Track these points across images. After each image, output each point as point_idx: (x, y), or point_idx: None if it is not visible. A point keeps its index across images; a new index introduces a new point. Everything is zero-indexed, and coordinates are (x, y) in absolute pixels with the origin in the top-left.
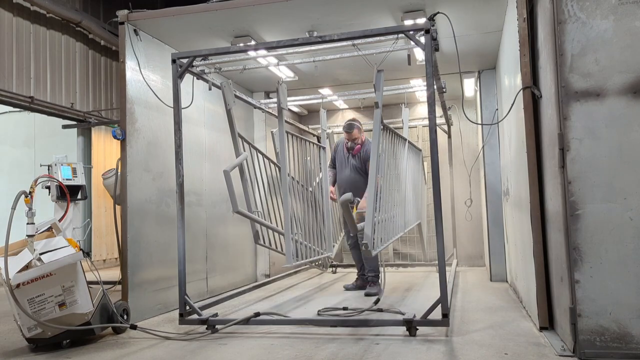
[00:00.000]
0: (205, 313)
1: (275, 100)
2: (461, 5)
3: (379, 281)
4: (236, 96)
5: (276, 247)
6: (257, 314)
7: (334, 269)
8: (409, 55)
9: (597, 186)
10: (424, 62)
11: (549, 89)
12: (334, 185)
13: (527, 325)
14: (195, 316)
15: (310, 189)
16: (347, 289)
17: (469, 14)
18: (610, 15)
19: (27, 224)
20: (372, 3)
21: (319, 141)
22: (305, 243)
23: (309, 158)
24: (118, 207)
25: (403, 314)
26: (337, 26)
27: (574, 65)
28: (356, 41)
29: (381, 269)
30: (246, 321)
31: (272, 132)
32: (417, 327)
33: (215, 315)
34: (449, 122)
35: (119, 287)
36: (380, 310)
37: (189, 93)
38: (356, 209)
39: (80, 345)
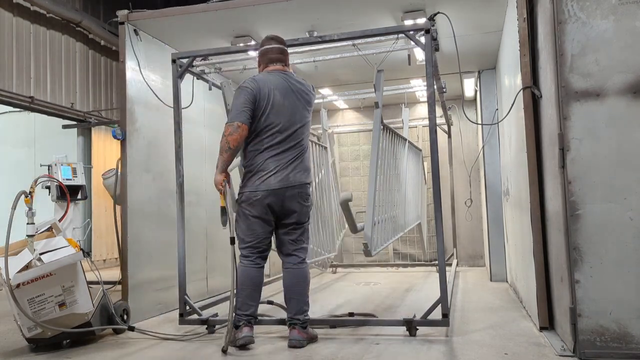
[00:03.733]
0: (206, 313)
1: None
2: (461, 5)
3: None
4: None
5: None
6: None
7: (334, 269)
8: (409, 55)
9: (597, 186)
10: (424, 62)
11: (549, 89)
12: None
13: (527, 325)
14: (195, 316)
15: (311, 188)
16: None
17: (469, 14)
18: (611, 15)
19: (27, 224)
20: (372, 3)
21: (318, 141)
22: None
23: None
24: (118, 207)
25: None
26: (337, 26)
27: (574, 65)
28: (356, 41)
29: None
30: None
31: None
32: (417, 327)
33: (216, 315)
34: (449, 122)
35: (119, 287)
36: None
37: (189, 93)
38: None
39: (80, 345)
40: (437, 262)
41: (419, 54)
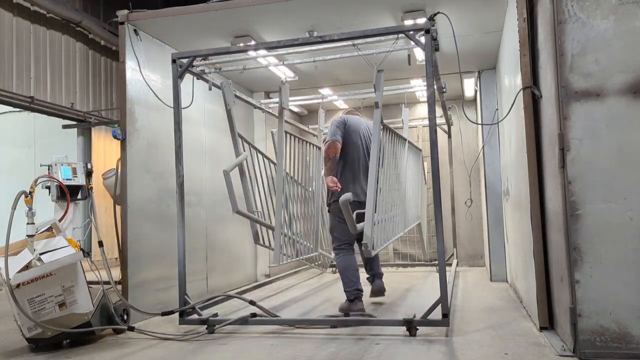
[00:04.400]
0: (206, 313)
1: (275, 100)
2: (461, 5)
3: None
4: (236, 96)
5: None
6: (254, 315)
7: (334, 269)
8: (409, 55)
9: (597, 186)
10: (424, 62)
11: (549, 89)
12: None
13: (527, 325)
14: (195, 316)
15: (310, 189)
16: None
17: (469, 14)
18: (610, 15)
19: (27, 224)
20: (372, 3)
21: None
22: (305, 242)
23: (308, 158)
24: (118, 207)
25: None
26: (337, 26)
27: (574, 65)
28: (356, 41)
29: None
30: (245, 321)
31: (272, 132)
32: (417, 327)
33: (216, 315)
34: (449, 122)
35: (118, 287)
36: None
37: (189, 93)
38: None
39: (80, 345)
40: (437, 262)
41: (419, 54)
